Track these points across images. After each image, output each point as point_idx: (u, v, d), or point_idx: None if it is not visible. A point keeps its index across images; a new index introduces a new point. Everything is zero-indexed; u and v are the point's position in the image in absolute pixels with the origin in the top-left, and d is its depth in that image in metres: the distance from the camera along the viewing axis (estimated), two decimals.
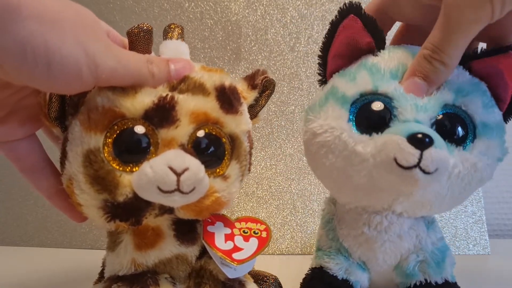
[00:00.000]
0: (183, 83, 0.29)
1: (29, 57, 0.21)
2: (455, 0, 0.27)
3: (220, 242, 0.32)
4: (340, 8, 0.30)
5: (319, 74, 0.34)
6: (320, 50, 0.33)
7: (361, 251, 0.33)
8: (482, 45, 0.32)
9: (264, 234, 0.34)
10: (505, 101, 0.31)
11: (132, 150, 0.28)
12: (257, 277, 0.36)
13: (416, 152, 0.26)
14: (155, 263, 0.32)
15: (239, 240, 0.33)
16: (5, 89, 0.27)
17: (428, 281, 0.32)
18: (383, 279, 0.35)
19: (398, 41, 0.37)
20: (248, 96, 0.34)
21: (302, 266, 0.36)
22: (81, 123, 0.28)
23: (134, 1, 0.64)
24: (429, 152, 0.26)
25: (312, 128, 0.31)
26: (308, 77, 0.63)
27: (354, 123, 0.30)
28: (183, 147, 0.28)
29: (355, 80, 0.31)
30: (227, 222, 0.34)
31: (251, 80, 0.34)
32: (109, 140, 0.28)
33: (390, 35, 0.38)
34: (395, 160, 0.27)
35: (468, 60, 0.31)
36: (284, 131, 0.62)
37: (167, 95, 0.28)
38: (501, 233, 0.71)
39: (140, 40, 0.29)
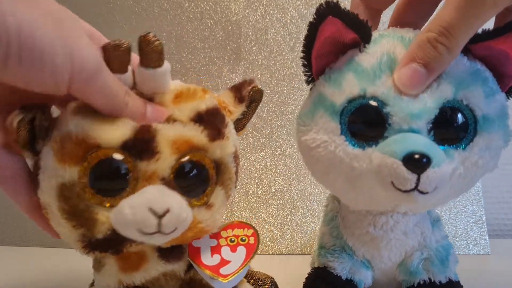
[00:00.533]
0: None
1: (1, 36, 0.19)
2: None
3: (207, 257, 0.31)
4: (316, 9, 0.28)
5: (305, 74, 0.32)
6: (302, 52, 0.31)
7: (365, 249, 0.33)
8: None
9: (252, 240, 0.33)
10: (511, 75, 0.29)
11: (111, 181, 0.26)
12: (254, 279, 0.36)
13: (413, 177, 0.25)
14: (143, 283, 0.31)
15: (226, 252, 0.32)
16: None
17: (432, 280, 0.32)
18: (387, 277, 0.34)
19: (401, 13, 0.35)
20: (234, 110, 0.32)
21: (302, 266, 0.36)
22: (54, 152, 0.26)
23: (134, 1, 0.64)
24: (426, 175, 0.25)
25: (305, 141, 0.30)
26: None
27: (347, 135, 0.28)
28: (164, 181, 0.27)
29: (341, 86, 0.29)
30: (212, 233, 0.33)
31: (237, 92, 0.32)
32: (85, 171, 0.26)
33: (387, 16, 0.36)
34: (392, 184, 0.26)
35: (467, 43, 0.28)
36: (284, 131, 0.62)
37: (145, 125, 0.27)
38: (501, 233, 0.71)
39: (114, 58, 0.26)
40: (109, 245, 0.27)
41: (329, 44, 0.29)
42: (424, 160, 0.25)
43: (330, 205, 0.37)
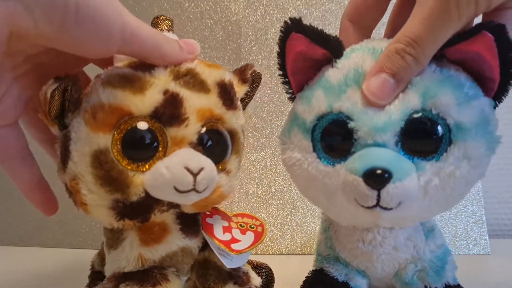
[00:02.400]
0: (186, 76, 0.29)
1: (61, 3, 0.21)
2: None
3: (219, 233, 0.33)
4: (281, 27, 0.28)
5: (287, 92, 0.33)
6: (278, 69, 0.31)
7: (358, 261, 0.33)
8: None
9: (259, 229, 0.35)
10: (495, 79, 0.27)
11: (142, 148, 0.28)
12: (251, 265, 0.37)
13: (373, 193, 0.25)
14: (162, 257, 0.32)
15: (236, 232, 0.34)
16: (4, 63, 0.25)
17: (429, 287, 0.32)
18: (384, 284, 0.34)
19: (397, 15, 0.35)
20: (239, 90, 0.34)
21: (302, 266, 0.36)
22: (86, 122, 0.27)
23: (134, 1, 0.64)
24: (386, 191, 0.25)
25: (284, 159, 0.31)
26: None
27: (320, 152, 0.29)
28: (193, 145, 0.29)
29: (311, 103, 0.29)
30: (224, 216, 0.35)
31: (241, 74, 0.34)
32: (118, 139, 0.27)
33: (385, 20, 0.36)
34: (356, 200, 0.26)
35: (440, 48, 0.27)
36: None
37: (173, 91, 0.28)
38: (501, 233, 0.71)
39: None
40: (140, 211, 0.28)
41: (301, 60, 0.29)
42: (386, 175, 0.25)
43: (324, 215, 0.37)
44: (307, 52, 0.29)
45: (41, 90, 0.26)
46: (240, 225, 0.35)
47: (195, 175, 0.27)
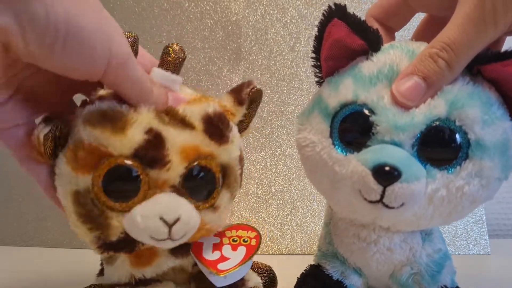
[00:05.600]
0: (166, 115, 0.28)
1: (50, 23, 0.21)
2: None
3: (208, 252, 0.32)
4: (324, 11, 0.28)
5: (315, 76, 0.32)
6: (312, 52, 0.31)
7: (354, 258, 0.33)
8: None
9: (253, 242, 0.34)
10: None
11: (123, 186, 0.27)
12: (253, 267, 0.37)
13: (379, 188, 0.25)
14: (153, 276, 0.32)
15: (227, 250, 0.33)
16: (12, 67, 0.26)
17: None
18: (381, 283, 0.34)
19: (421, 33, 0.36)
20: (236, 112, 0.32)
21: (302, 266, 0.36)
22: (68, 160, 0.27)
23: (134, 1, 0.64)
24: (392, 189, 0.25)
25: (298, 139, 0.31)
26: (308, 77, 0.63)
27: (335, 139, 0.28)
28: (174, 188, 0.28)
29: (338, 89, 0.29)
30: (217, 231, 0.34)
31: (237, 94, 0.32)
32: (97, 177, 0.27)
33: (409, 26, 0.36)
34: (360, 192, 0.26)
35: (474, 64, 0.27)
36: (284, 131, 0.62)
37: (156, 130, 0.27)
38: (501, 233, 0.71)
39: None
40: (123, 246, 0.29)
41: (338, 48, 0.29)
42: (395, 173, 0.25)
43: (326, 210, 0.38)
44: (345, 40, 0.29)
45: (33, 134, 0.27)
46: (233, 239, 0.34)
47: (170, 225, 0.27)
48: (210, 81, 0.63)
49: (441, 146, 0.27)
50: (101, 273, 0.38)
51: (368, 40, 0.28)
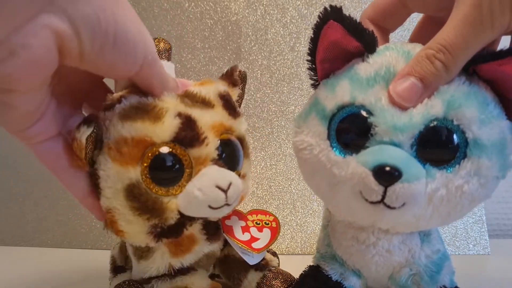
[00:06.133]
0: (186, 98, 0.30)
1: (102, 26, 0.23)
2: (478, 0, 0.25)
3: (239, 233, 0.35)
4: (320, 13, 0.28)
5: (311, 78, 0.32)
6: (307, 54, 0.31)
7: (353, 260, 0.33)
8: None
9: (274, 224, 0.38)
10: None
11: (169, 173, 0.29)
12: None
13: (380, 189, 0.25)
14: (190, 264, 0.34)
15: (254, 231, 0.36)
16: (57, 73, 0.25)
17: None
18: (380, 285, 0.34)
19: (418, 35, 0.36)
20: (233, 94, 0.35)
21: (302, 266, 0.36)
22: (112, 158, 0.28)
23: (134, 1, 0.64)
24: (393, 189, 0.25)
25: (295, 142, 0.31)
26: (308, 77, 0.63)
27: (333, 141, 0.28)
28: (215, 161, 0.30)
29: (334, 91, 0.29)
30: (240, 215, 0.37)
31: (229, 78, 0.35)
32: (145, 168, 0.28)
33: (409, 26, 0.36)
34: (361, 193, 0.26)
35: (471, 64, 0.27)
36: (284, 131, 0.62)
37: (185, 113, 0.29)
38: (501, 233, 0.71)
39: None
40: (175, 230, 0.30)
41: (333, 50, 0.29)
42: (396, 173, 0.25)
43: (324, 212, 0.38)
44: (341, 42, 0.29)
45: (73, 136, 0.27)
46: (256, 222, 0.37)
47: (225, 191, 0.29)
48: None
49: (439, 145, 0.27)
50: (114, 272, 0.38)
51: (364, 42, 0.28)
